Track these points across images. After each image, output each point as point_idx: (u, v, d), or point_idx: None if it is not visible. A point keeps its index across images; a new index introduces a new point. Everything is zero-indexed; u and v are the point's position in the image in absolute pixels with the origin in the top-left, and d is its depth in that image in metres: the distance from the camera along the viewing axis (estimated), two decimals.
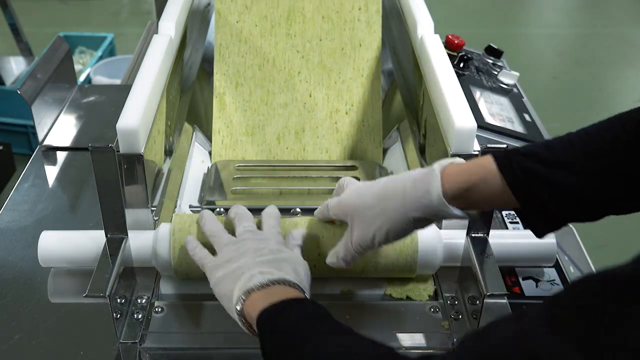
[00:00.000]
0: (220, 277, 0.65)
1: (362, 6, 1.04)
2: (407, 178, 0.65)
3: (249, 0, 1.04)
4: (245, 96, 1.03)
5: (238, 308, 0.61)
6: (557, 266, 0.82)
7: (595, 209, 0.63)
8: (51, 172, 1.01)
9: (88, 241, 0.76)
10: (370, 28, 1.04)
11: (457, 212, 0.63)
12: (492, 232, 0.75)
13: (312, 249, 0.74)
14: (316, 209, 0.91)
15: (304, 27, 1.04)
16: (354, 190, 0.70)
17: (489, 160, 0.63)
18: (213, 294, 0.77)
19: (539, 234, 0.65)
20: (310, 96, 1.04)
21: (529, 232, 0.86)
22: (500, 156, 0.63)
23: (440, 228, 0.78)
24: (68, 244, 0.77)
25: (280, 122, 1.03)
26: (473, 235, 0.75)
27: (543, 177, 0.61)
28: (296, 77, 1.04)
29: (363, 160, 1.03)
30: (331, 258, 0.70)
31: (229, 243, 0.69)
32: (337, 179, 0.99)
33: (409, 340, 0.71)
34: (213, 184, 0.96)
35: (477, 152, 0.72)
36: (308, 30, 1.04)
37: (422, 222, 0.65)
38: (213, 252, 0.70)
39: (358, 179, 0.98)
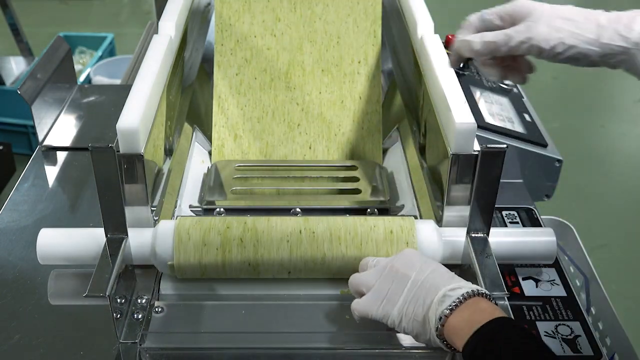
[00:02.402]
0: (402, 307, 0.65)
1: (361, 59, 1.04)
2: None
3: (248, 53, 1.03)
4: (244, 148, 1.03)
5: (437, 333, 0.62)
6: (557, 266, 0.82)
7: None
8: (51, 172, 1.01)
9: (87, 238, 0.76)
10: (370, 81, 1.04)
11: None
12: (492, 229, 0.75)
13: (318, 248, 0.75)
14: (316, 209, 0.92)
15: (303, 80, 1.03)
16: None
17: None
18: (213, 294, 0.77)
19: None
20: (310, 148, 1.03)
21: (529, 230, 0.86)
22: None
23: (440, 227, 0.78)
24: (67, 241, 0.77)
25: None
26: (473, 235, 0.75)
27: None
28: (295, 130, 1.03)
29: (363, 160, 1.03)
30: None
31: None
32: (337, 178, 0.99)
33: (409, 340, 0.70)
34: (213, 184, 0.96)
35: (476, 152, 0.72)
36: (308, 83, 1.03)
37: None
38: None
39: (358, 179, 0.99)
